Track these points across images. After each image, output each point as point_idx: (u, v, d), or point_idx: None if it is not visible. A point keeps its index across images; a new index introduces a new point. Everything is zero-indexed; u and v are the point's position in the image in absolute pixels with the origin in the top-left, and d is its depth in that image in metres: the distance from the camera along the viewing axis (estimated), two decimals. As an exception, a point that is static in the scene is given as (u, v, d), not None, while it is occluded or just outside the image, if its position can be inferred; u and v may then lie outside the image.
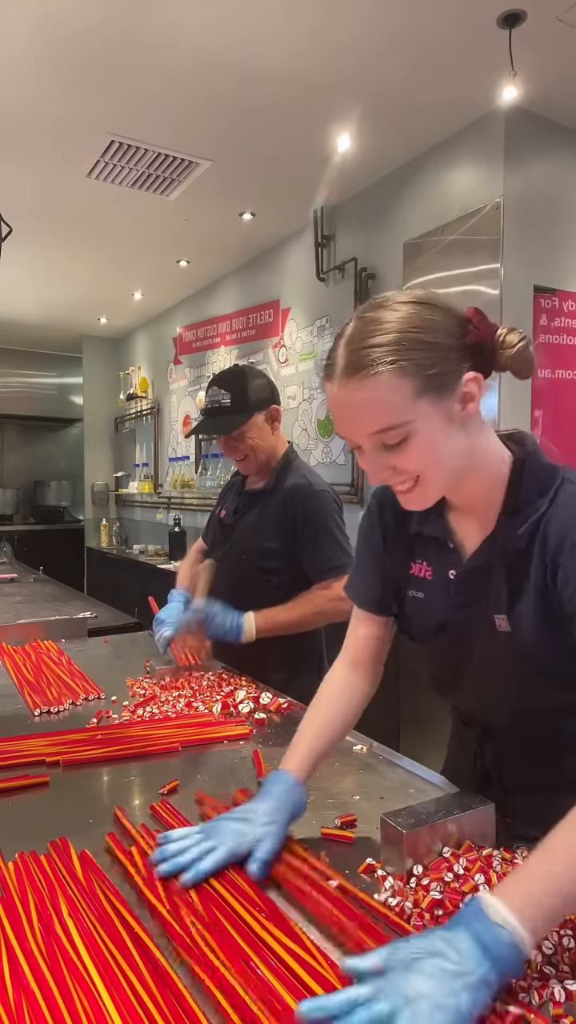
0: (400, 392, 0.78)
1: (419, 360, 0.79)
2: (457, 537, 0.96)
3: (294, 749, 1.00)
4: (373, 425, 0.81)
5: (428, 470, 0.84)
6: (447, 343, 0.81)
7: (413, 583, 1.01)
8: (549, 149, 2.98)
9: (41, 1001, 0.64)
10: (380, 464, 0.84)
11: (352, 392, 0.80)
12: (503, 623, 0.90)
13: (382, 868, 0.88)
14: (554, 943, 0.72)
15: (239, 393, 1.75)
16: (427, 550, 1.00)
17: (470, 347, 0.82)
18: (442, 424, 0.82)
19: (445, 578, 0.97)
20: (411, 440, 0.81)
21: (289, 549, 1.75)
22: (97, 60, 2.59)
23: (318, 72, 2.66)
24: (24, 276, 5.13)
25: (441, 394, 0.81)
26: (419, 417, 0.80)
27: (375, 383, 0.78)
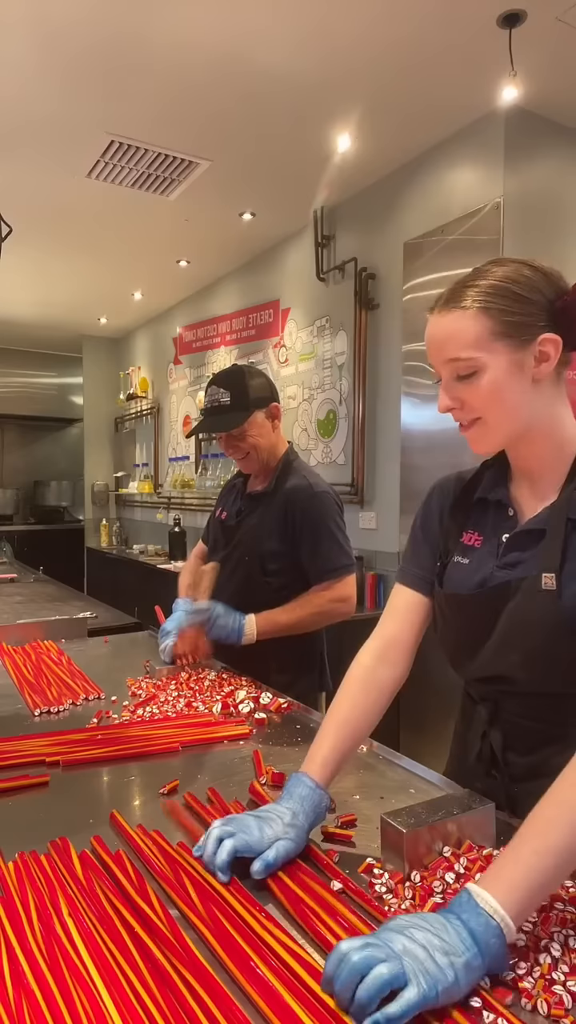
0: (479, 329, 0.89)
1: (503, 306, 0.89)
2: (518, 505, 1.02)
3: (315, 751, 0.99)
4: (450, 352, 0.91)
5: (490, 410, 0.92)
6: (535, 300, 0.90)
7: (461, 549, 1.06)
8: (549, 149, 2.98)
9: (41, 1001, 0.64)
10: (451, 394, 0.94)
11: (443, 319, 0.92)
12: (550, 581, 0.92)
13: (382, 868, 0.88)
14: (561, 944, 0.72)
15: (239, 391, 1.75)
16: (484, 518, 1.05)
17: (557, 311, 0.91)
18: (512, 371, 0.90)
19: (497, 542, 1.01)
20: (480, 375, 0.90)
21: (290, 550, 1.75)
22: (97, 60, 2.59)
23: (318, 72, 2.66)
24: (24, 276, 5.13)
25: (517, 343, 0.90)
26: (492, 356, 0.89)
27: (460, 315, 0.90)
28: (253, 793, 1.08)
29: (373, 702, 1.05)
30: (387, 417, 3.53)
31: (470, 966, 0.64)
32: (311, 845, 0.94)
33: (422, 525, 1.14)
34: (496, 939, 0.66)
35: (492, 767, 1.06)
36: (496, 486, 1.04)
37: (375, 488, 3.64)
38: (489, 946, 0.65)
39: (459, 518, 1.08)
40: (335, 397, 3.92)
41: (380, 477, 3.60)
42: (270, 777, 1.14)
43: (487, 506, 1.05)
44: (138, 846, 0.92)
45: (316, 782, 0.94)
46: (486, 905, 0.67)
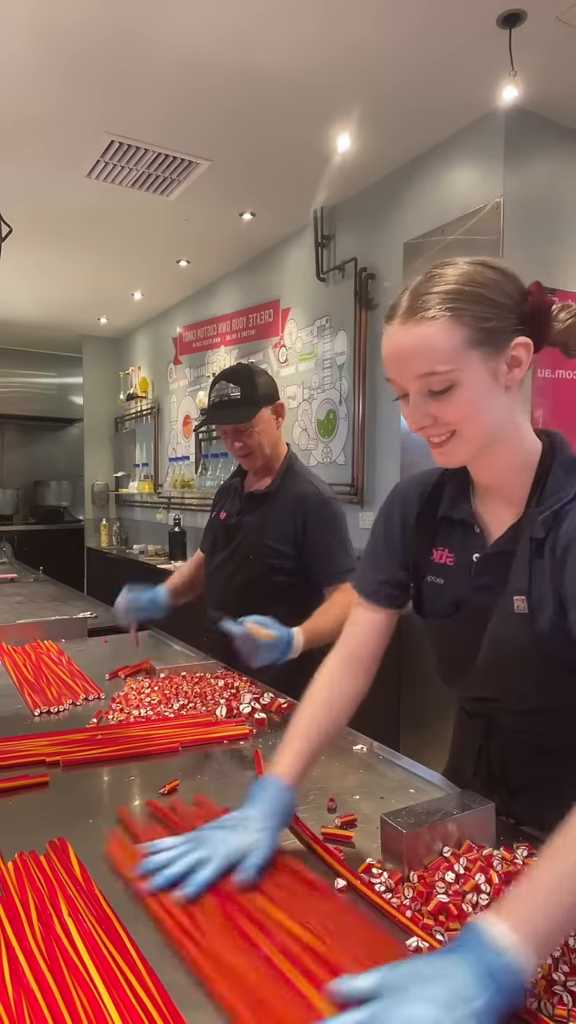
0: (453, 338, 0.82)
1: (476, 312, 0.83)
2: (483, 522, 0.98)
3: (282, 753, 0.97)
4: (422, 367, 0.84)
5: (466, 424, 0.86)
6: (505, 303, 0.85)
7: (433, 569, 1.03)
8: (549, 149, 2.98)
9: (41, 1001, 0.64)
10: (422, 411, 0.87)
11: (408, 332, 0.84)
12: (521, 603, 0.91)
13: (381, 868, 0.88)
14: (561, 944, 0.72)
15: (248, 386, 1.77)
16: (451, 536, 1.01)
17: (526, 313, 0.86)
18: (487, 381, 0.85)
19: (468, 562, 0.98)
20: (456, 389, 0.84)
21: (296, 552, 1.75)
22: (97, 60, 2.59)
23: (318, 72, 2.66)
24: (24, 276, 5.13)
25: (492, 350, 0.84)
26: (467, 367, 0.83)
27: (431, 326, 0.83)
28: None
29: (336, 711, 1.03)
30: (387, 417, 3.53)
31: (490, 1009, 0.58)
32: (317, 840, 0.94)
33: (383, 533, 1.10)
34: (513, 977, 0.59)
35: (489, 781, 1.05)
36: (459, 502, 1.00)
37: (375, 488, 3.64)
38: (507, 985, 0.59)
39: (426, 535, 1.04)
40: (335, 397, 3.92)
41: (380, 477, 3.60)
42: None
43: (453, 523, 1.01)
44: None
45: (283, 782, 0.93)
46: (501, 939, 0.60)
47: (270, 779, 0.93)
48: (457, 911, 0.77)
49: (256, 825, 0.87)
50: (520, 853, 0.89)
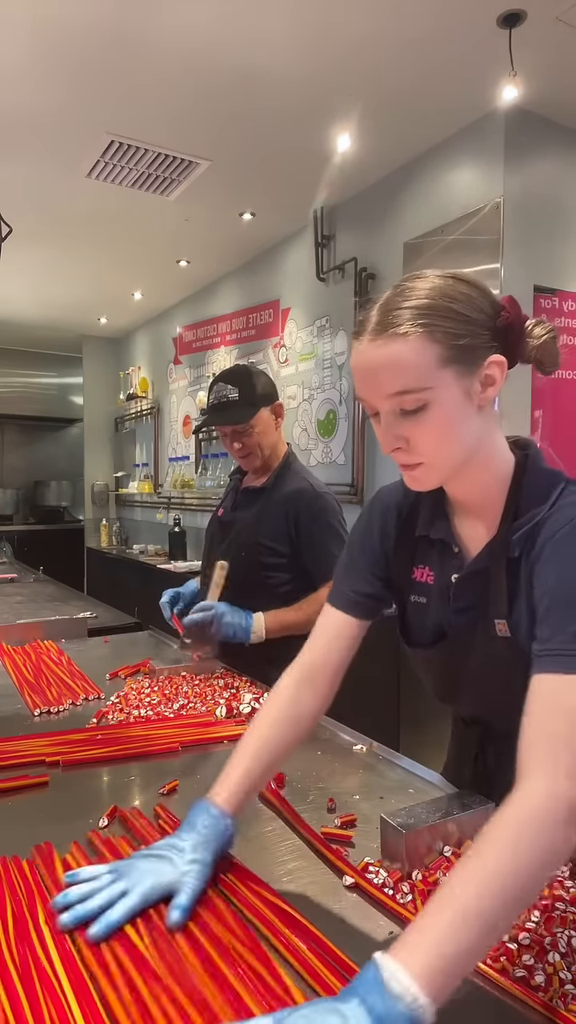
0: (426, 356, 0.78)
1: (449, 329, 0.79)
2: (462, 541, 0.95)
3: (225, 777, 0.89)
4: (394, 386, 0.80)
5: (439, 446, 0.83)
6: (478, 319, 0.81)
7: (415, 588, 1.00)
8: (549, 149, 2.98)
9: (8, 1009, 0.64)
10: (393, 432, 0.83)
11: (379, 349, 0.80)
12: (503, 628, 0.89)
13: (378, 867, 0.88)
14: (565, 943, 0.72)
15: (246, 387, 1.77)
16: (430, 554, 0.99)
17: (500, 330, 0.83)
18: (461, 400, 0.81)
19: (447, 582, 0.95)
20: (428, 409, 0.80)
21: (291, 550, 1.75)
22: (97, 60, 2.59)
23: (318, 72, 2.66)
24: (24, 276, 5.13)
25: (465, 368, 0.80)
26: (440, 386, 0.79)
27: (403, 343, 0.78)
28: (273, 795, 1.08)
29: (293, 730, 0.96)
30: (387, 417, 3.52)
31: None
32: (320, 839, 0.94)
33: (360, 542, 1.05)
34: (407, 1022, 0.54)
35: (487, 788, 1.05)
36: (435, 521, 0.97)
37: (375, 488, 3.61)
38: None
39: (405, 553, 1.01)
40: (335, 397, 3.92)
41: (380, 477, 3.60)
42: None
43: (431, 542, 0.98)
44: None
45: (221, 809, 0.85)
46: (396, 984, 0.54)
47: (206, 805, 0.85)
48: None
49: (186, 857, 0.80)
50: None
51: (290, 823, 1.02)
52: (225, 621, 1.65)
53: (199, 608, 1.69)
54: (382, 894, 0.82)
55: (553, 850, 0.62)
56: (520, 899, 0.62)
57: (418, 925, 0.59)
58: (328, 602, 1.03)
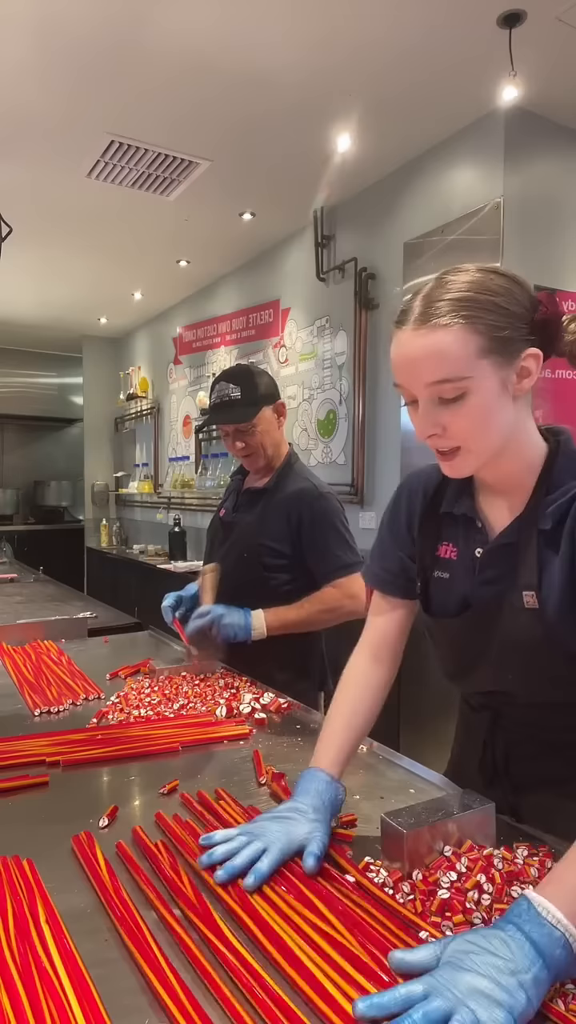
0: (467, 346, 0.81)
1: (490, 321, 0.82)
2: (485, 517, 0.98)
3: (323, 747, 0.99)
4: (434, 374, 0.83)
5: (475, 434, 0.86)
6: (518, 312, 0.84)
7: (439, 564, 1.03)
8: (549, 149, 2.98)
9: (8, 1008, 0.64)
10: (431, 420, 0.86)
11: (421, 339, 0.83)
12: (531, 599, 0.90)
13: (379, 866, 0.88)
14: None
15: (248, 386, 1.77)
16: (455, 530, 1.02)
17: (538, 323, 0.85)
18: (498, 390, 0.84)
19: (471, 556, 0.98)
20: (467, 398, 0.83)
21: (292, 551, 1.75)
22: (97, 60, 2.59)
23: (318, 72, 2.66)
24: (24, 276, 5.13)
25: (503, 360, 0.83)
26: (479, 376, 0.82)
27: (445, 333, 0.81)
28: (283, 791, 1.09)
29: (371, 701, 1.07)
30: (387, 417, 3.53)
31: (539, 981, 0.61)
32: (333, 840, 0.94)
33: (390, 526, 1.12)
34: (562, 950, 0.62)
35: (494, 776, 1.05)
36: (460, 498, 1.01)
37: (375, 488, 3.64)
38: (555, 958, 0.62)
39: (431, 531, 1.05)
40: (335, 397, 3.92)
41: (380, 477, 3.60)
42: (270, 777, 1.14)
43: (456, 519, 1.02)
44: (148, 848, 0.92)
45: (330, 774, 0.95)
46: (548, 915, 0.63)
47: (318, 772, 0.95)
48: (461, 908, 0.77)
49: (310, 816, 0.89)
50: (520, 853, 0.89)
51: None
52: (224, 623, 1.65)
53: (198, 615, 1.68)
54: (383, 893, 0.82)
55: None
56: None
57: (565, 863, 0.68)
58: (366, 581, 1.13)
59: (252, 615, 1.67)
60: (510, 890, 0.81)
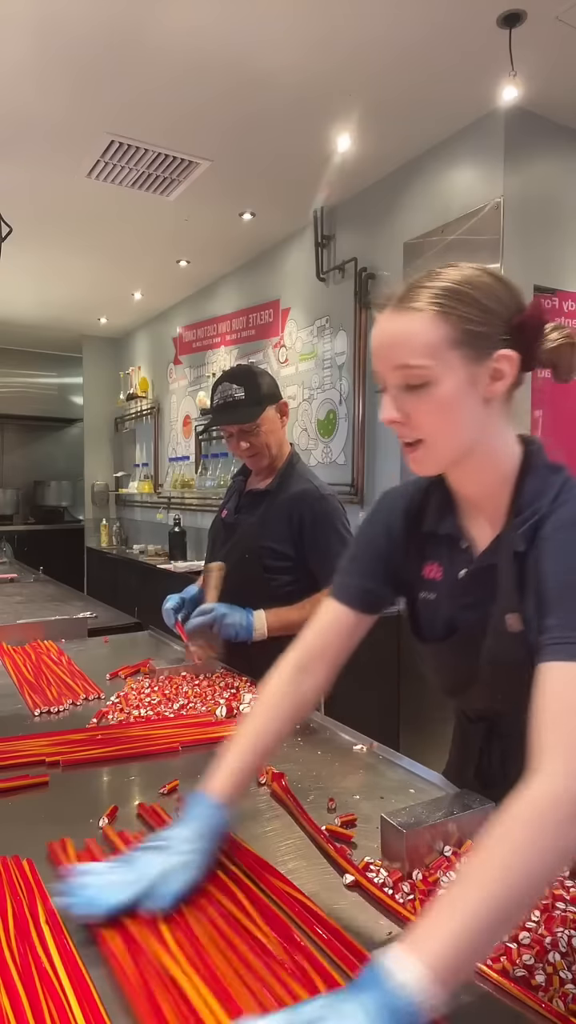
0: (436, 333, 0.81)
1: (463, 312, 0.81)
2: (470, 536, 0.96)
3: (220, 768, 0.91)
4: (402, 357, 0.82)
5: (438, 427, 0.84)
6: (496, 310, 0.83)
7: (425, 585, 1.01)
8: (549, 149, 2.98)
9: (8, 1009, 0.64)
10: (396, 404, 0.85)
11: (394, 320, 0.84)
12: (514, 622, 0.89)
13: (378, 866, 0.88)
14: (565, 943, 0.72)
15: (251, 387, 1.77)
16: (439, 550, 0.99)
17: (515, 326, 0.84)
18: (465, 386, 0.83)
19: (455, 578, 0.96)
20: (432, 388, 0.82)
21: (295, 552, 1.75)
22: (97, 60, 2.59)
23: (318, 72, 2.66)
24: (24, 276, 5.13)
25: (474, 354, 0.82)
26: (446, 367, 0.81)
27: (416, 317, 0.82)
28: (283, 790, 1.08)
29: (291, 713, 0.97)
30: (387, 417, 3.52)
31: None
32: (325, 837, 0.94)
33: (364, 540, 1.06)
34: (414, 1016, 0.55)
35: (490, 783, 1.05)
36: (443, 517, 0.98)
37: (375, 488, 3.64)
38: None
39: (414, 551, 1.01)
40: (335, 397, 3.92)
41: (380, 477, 3.60)
42: (270, 777, 1.14)
43: (439, 538, 0.98)
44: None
45: (216, 799, 0.87)
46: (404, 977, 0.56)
47: (203, 797, 0.88)
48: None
49: (184, 847, 0.82)
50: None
51: (295, 817, 1.02)
52: (226, 622, 1.65)
53: (199, 612, 1.69)
54: (382, 893, 0.82)
55: (562, 847, 0.63)
56: (529, 894, 0.63)
57: (431, 916, 0.60)
58: (330, 595, 1.03)
59: (254, 615, 1.67)
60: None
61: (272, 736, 0.95)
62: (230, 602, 1.72)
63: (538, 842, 0.62)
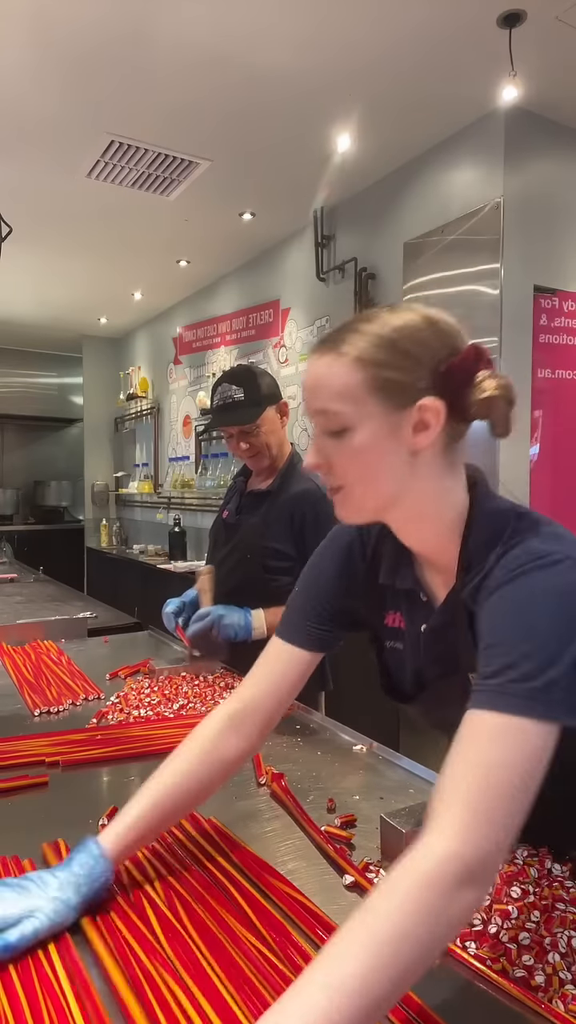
0: (352, 379, 0.78)
1: (382, 359, 0.77)
2: (429, 588, 0.91)
3: (119, 817, 0.86)
4: (319, 401, 0.80)
5: (356, 477, 0.81)
6: (421, 357, 0.78)
7: (388, 634, 0.97)
8: (549, 149, 2.98)
9: (7, 1010, 0.64)
10: (319, 450, 0.82)
11: (315, 363, 0.81)
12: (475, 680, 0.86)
13: (377, 866, 0.88)
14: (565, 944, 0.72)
15: (251, 387, 1.77)
16: (399, 601, 0.95)
17: (440, 374, 0.78)
18: (385, 436, 0.78)
19: (418, 632, 0.92)
20: (349, 435, 0.79)
21: (296, 552, 1.75)
22: (97, 60, 2.59)
23: (318, 72, 2.66)
24: (24, 276, 5.13)
25: (393, 403, 0.78)
26: (364, 415, 0.78)
27: (334, 361, 0.79)
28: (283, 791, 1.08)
29: (211, 775, 0.92)
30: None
31: None
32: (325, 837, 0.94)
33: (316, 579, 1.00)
34: None
35: None
36: (399, 568, 0.92)
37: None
38: None
39: (374, 601, 0.97)
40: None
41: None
42: (270, 777, 1.14)
43: (397, 591, 0.93)
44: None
45: (103, 851, 0.81)
46: None
47: (91, 845, 0.82)
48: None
49: (49, 893, 0.76)
50: (520, 854, 0.89)
51: (295, 817, 1.02)
52: (225, 623, 1.65)
53: (198, 617, 1.69)
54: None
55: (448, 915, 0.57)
56: (411, 972, 0.55)
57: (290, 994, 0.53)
58: (277, 636, 0.98)
59: (252, 614, 1.67)
60: (509, 890, 0.81)
61: (182, 796, 0.89)
62: (231, 602, 1.72)
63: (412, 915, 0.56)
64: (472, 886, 0.58)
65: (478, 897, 0.59)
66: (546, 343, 3.01)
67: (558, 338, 3.04)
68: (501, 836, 0.60)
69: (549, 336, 3.02)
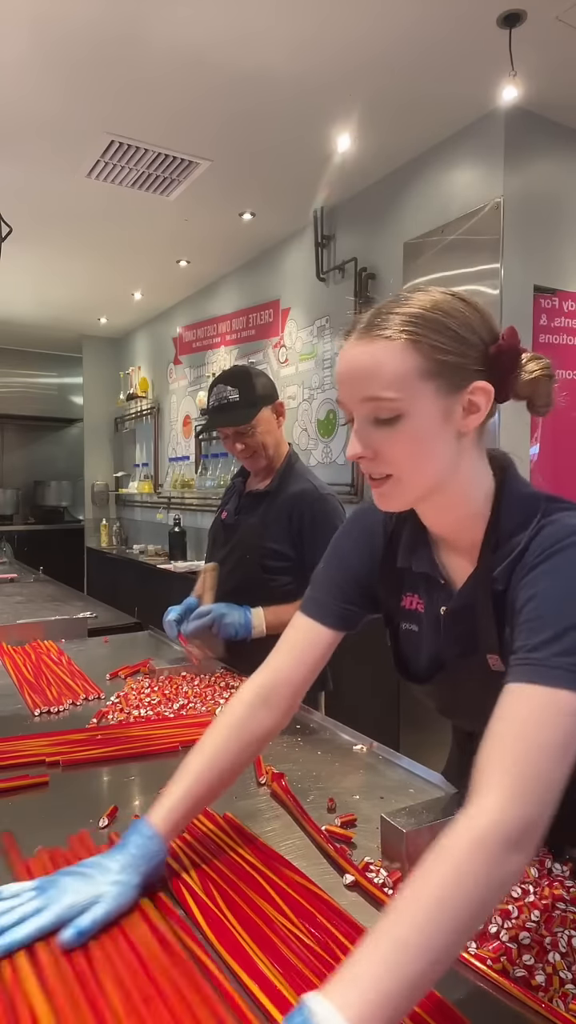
0: (407, 364, 0.75)
1: (436, 342, 0.76)
2: (447, 572, 0.91)
3: (165, 797, 0.87)
4: (371, 389, 0.76)
5: (408, 463, 0.79)
6: (470, 340, 0.78)
7: (405, 616, 0.97)
8: (549, 149, 2.98)
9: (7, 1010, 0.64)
10: (364, 440, 0.79)
11: (362, 349, 0.77)
12: (496, 662, 0.86)
13: (378, 866, 0.88)
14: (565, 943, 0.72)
15: (246, 388, 1.77)
16: (417, 583, 0.95)
17: (491, 356, 0.79)
18: (438, 420, 0.77)
19: (436, 614, 0.92)
20: (402, 421, 0.76)
21: (294, 552, 1.76)
22: (97, 59, 2.59)
23: (318, 72, 2.66)
24: (24, 276, 5.13)
25: (447, 387, 0.77)
26: (418, 399, 0.76)
27: (386, 346, 0.76)
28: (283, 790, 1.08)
29: (244, 749, 0.93)
30: (387, 417, 3.52)
31: None
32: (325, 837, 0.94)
33: (340, 557, 1.01)
34: None
35: None
36: (416, 550, 0.92)
37: (375, 488, 3.63)
38: None
39: (391, 583, 0.97)
40: (335, 397, 3.91)
41: (380, 477, 3.59)
42: (270, 777, 1.14)
43: (415, 573, 0.94)
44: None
45: (154, 830, 0.83)
46: None
47: (142, 826, 0.83)
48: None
49: (110, 877, 0.78)
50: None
51: (295, 817, 1.02)
52: (225, 621, 1.66)
53: (198, 614, 1.69)
54: (382, 894, 0.82)
55: (496, 877, 0.60)
56: (464, 929, 0.58)
57: (356, 959, 0.56)
58: (302, 611, 0.99)
59: (252, 613, 1.68)
60: (510, 890, 0.81)
61: (223, 769, 0.91)
62: (230, 602, 1.72)
63: (466, 877, 0.59)
64: (518, 851, 0.61)
65: (524, 861, 0.62)
66: (546, 343, 3.01)
67: (558, 338, 3.04)
68: (544, 804, 0.62)
69: (549, 336, 3.02)
